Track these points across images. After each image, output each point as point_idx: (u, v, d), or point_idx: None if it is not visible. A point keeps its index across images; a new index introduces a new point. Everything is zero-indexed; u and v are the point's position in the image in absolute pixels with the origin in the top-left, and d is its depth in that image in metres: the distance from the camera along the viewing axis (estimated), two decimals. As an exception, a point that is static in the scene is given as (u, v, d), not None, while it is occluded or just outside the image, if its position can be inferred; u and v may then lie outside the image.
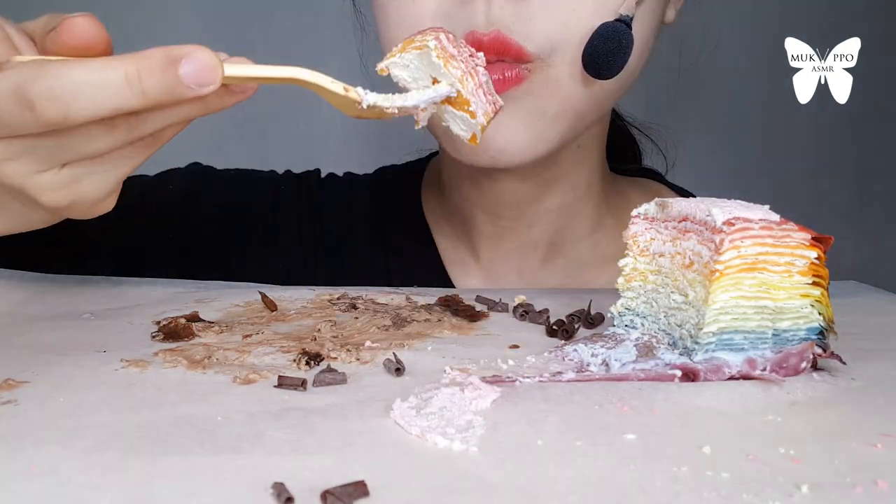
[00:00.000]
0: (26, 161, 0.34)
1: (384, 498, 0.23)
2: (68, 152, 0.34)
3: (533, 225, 0.59)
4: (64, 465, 0.24)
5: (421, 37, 0.38)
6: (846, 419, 0.29)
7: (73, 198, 0.36)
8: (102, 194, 0.36)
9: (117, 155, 0.35)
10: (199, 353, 0.36)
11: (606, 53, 0.44)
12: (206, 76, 0.32)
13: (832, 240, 0.33)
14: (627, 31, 0.44)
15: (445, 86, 0.37)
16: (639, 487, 0.23)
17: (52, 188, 0.35)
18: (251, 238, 0.63)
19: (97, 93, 0.31)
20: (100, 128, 0.33)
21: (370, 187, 0.67)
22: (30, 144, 0.34)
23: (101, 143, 0.34)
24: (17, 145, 0.34)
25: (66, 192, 0.35)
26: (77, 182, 0.35)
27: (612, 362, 0.34)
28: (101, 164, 0.35)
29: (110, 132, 0.34)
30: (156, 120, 0.34)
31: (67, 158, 0.34)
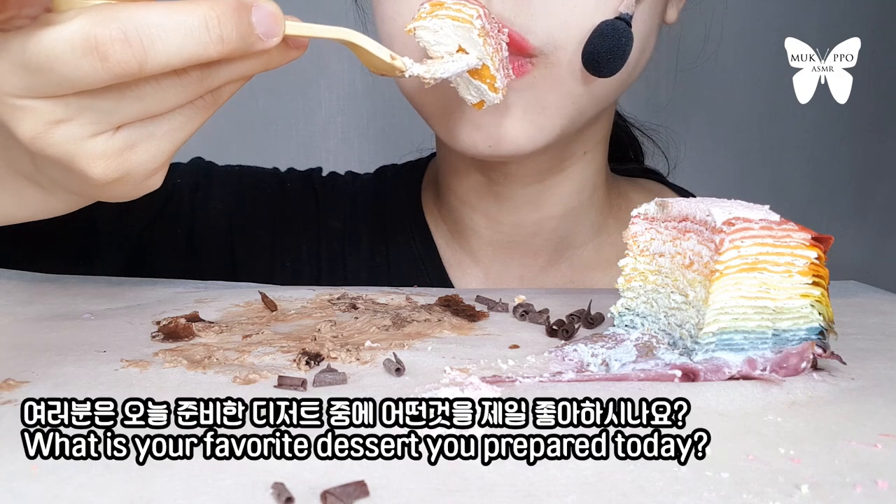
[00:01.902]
0: (81, 122, 0.31)
1: (384, 498, 0.23)
2: (129, 109, 0.31)
3: (536, 233, 0.59)
4: (64, 465, 0.24)
5: (458, 7, 0.39)
6: (846, 419, 0.29)
7: (127, 168, 0.32)
8: (156, 164, 0.33)
9: (178, 114, 0.33)
10: (199, 353, 0.36)
11: (606, 51, 0.44)
12: (273, 26, 0.31)
13: (832, 240, 0.33)
14: (627, 30, 0.44)
15: (474, 58, 0.40)
16: (639, 487, 0.23)
17: (106, 156, 0.32)
18: (258, 234, 0.63)
19: (175, 38, 0.29)
20: (169, 79, 0.31)
21: (371, 186, 0.67)
22: (87, 103, 0.30)
23: (167, 96, 0.31)
24: (73, 104, 0.30)
25: (119, 161, 0.32)
26: (132, 149, 0.32)
27: (611, 362, 0.34)
28: (159, 126, 0.32)
29: (178, 83, 0.31)
30: (223, 73, 0.32)
31: (127, 117, 0.31)
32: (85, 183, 0.33)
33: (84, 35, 0.28)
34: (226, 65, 0.32)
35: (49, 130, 0.30)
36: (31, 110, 0.30)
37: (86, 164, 0.31)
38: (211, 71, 0.31)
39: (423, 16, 0.40)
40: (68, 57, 0.28)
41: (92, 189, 0.34)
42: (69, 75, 0.29)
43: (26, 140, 0.31)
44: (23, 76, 0.29)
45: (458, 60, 0.39)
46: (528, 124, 0.48)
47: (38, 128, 0.30)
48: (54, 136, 0.31)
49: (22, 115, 0.30)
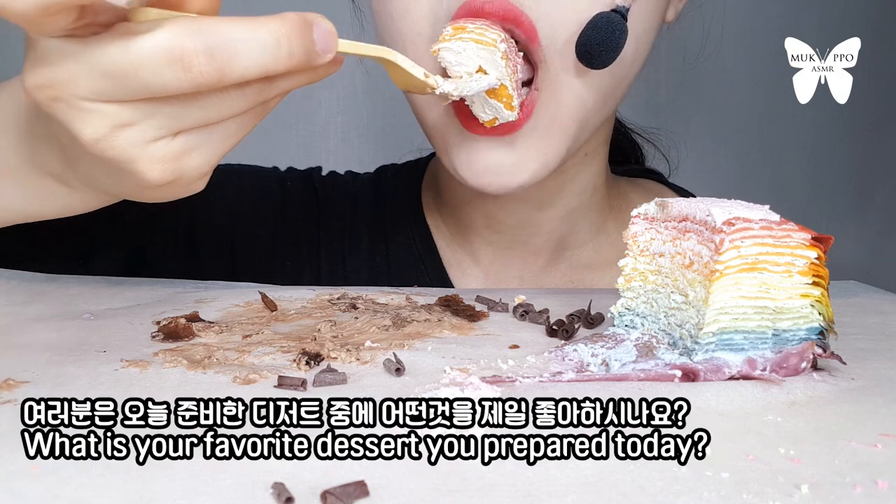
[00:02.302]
0: (144, 127, 0.32)
1: (384, 498, 0.23)
2: (191, 116, 0.32)
3: (537, 234, 0.59)
4: (64, 465, 0.24)
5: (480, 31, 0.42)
6: (846, 419, 0.29)
7: (181, 172, 0.34)
8: (206, 168, 0.35)
9: (231, 123, 0.34)
10: (199, 353, 0.36)
11: (599, 43, 0.44)
12: (330, 43, 0.32)
13: (832, 240, 0.33)
14: (622, 22, 0.44)
15: (494, 78, 0.43)
16: (639, 487, 0.23)
17: (164, 160, 0.33)
18: (258, 233, 0.63)
19: (253, 53, 0.30)
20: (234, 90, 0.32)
21: (371, 186, 0.67)
22: (154, 108, 0.32)
23: (228, 106, 0.33)
24: (140, 109, 0.32)
25: (175, 165, 0.33)
26: (188, 153, 0.34)
27: (611, 362, 0.34)
28: (214, 133, 0.34)
29: (241, 94, 0.32)
30: (279, 85, 0.33)
31: (188, 124, 0.33)
32: (137, 185, 0.34)
33: (171, 45, 0.29)
34: (284, 77, 0.33)
35: (113, 134, 0.32)
36: (98, 113, 0.31)
37: (144, 167, 0.33)
38: (271, 84, 0.33)
39: (447, 38, 0.43)
40: (154, 65, 0.30)
41: (141, 190, 0.35)
42: (150, 82, 0.30)
43: (88, 142, 0.32)
44: (99, 80, 0.30)
45: (481, 80, 0.42)
46: (533, 165, 0.48)
47: (103, 131, 0.31)
48: (118, 140, 0.32)
49: (89, 118, 0.31)
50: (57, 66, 0.30)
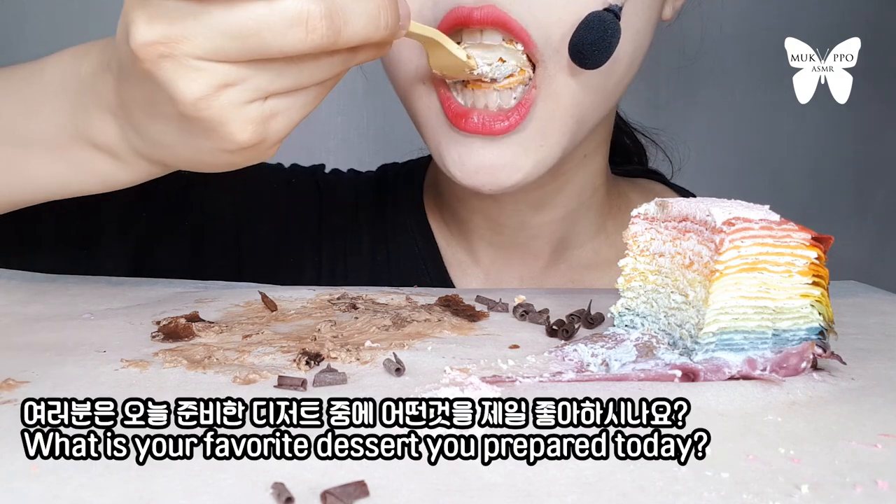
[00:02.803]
0: (246, 87, 0.33)
1: (384, 498, 0.23)
2: (286, 80, 0.34)
3: (537, 235, 0.59)
4: (64, 465, 0.24)
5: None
6: (846, 419, 0.29)
7: (265, 134, 0.35)
8: (285, 133, 0.36)
9: (313, 90, 0.35)
10: (199, 353, 0.36)
11: (591, 43, 0.44)
12: (407, 19, 0.34)
13: (832, 240, 0.33)
14: (614, 21, 0.44)
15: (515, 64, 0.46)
16: (639, 487, 0.23)
17: (255, 121, 0.34)
18: (262, 228, 0.63)
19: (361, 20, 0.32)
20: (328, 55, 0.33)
21: (373, 185, 0.67)
22: (258, 69, 0.33)
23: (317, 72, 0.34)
24: (244, 70, 0.33)
25: (263, 128, 0.34)
26: (274, 117, 0.35)
27: (611, 362, 0.34)
28: (298, 99, 0.35)
29: (330, 61, 0.34)
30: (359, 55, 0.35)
31: (281, 87, 0.34)
32: (221, 148, 0.35)
33: (299, 8, 0.30)
34: (363, 50, 0.35)
35: (216, 93, 0.33)
36: (206, 72, 0.32)
37: (236, 128, 0.34)
38: (353, 54, 0.34)
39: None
40: (278, 26, 0.31)
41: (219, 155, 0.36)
42: (272, 43, 0.31)
43: (189, 101, 0.32)
44: (218, 40, 0.31)
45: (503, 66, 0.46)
46: (529, 163, 0.48)
47: (207, 90, 0.32)
48: (218, 99, 0.33)
49: (196, 76, 0.32)
50: (176, 24, 0.31)
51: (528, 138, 0.47)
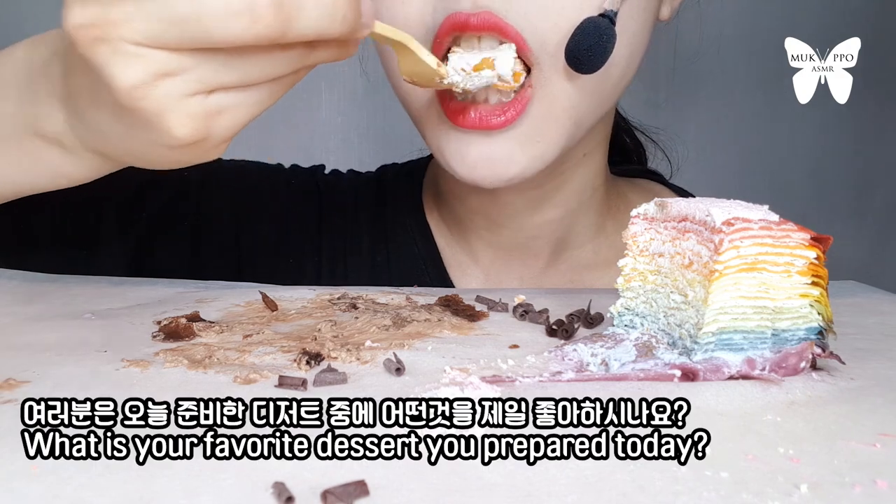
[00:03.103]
0: (186, 79, 0.31)
1: (384, 498, 0.23)
2: (232, 74, 0.32)
3: (536, 236, 0.59)
4: (64, 465, 0.24)
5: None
6: (845, 419, 0.29)
7: (207, 133, 0.33)
8: (231, 132, 0.34)
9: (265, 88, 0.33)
10: (199, 352, 0.36)
11: (587, 48, 0.44)
12: (370, 17, 0.32)
13: (832, 240, 0.33)
14: (610, 27, 0.44)
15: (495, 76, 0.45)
16: (639, 487, 0.23)
17: (195, 116, 0.32)
18: (262, 229, 0.63)
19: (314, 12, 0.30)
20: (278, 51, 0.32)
21: (373, 185, 0.67)
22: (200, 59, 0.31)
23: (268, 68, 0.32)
24: (185, 60, 0.31)
25: (205, 124, 0.32)
26: (219, 114, 0.33)
27: (611, 362, 0.34)
28: (247, 96, 0.33)
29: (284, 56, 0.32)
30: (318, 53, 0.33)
31: (227, 81, 0.32)
32: (160, 142, 0.33)
33: None
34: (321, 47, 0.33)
35: (153, 82, 0.31)
36: (142, 59, 0.30)
37: (175, 122, 0.32)
38: (309, 50, 0.33)
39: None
40: (222, 13, 0.29)
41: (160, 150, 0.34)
42: (214, 31, 0.29)
43: (124, 89, 0.31)
44: (157, 25, 0.29)
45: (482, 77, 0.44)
46: (526, 158, 0.48)
47: (144, 78, 0.30)
48: (156, 89, 0.31)
49: (132, 63, 0.30)
50: (112, 6, 0.29)
51: (524, 133, 0.47)
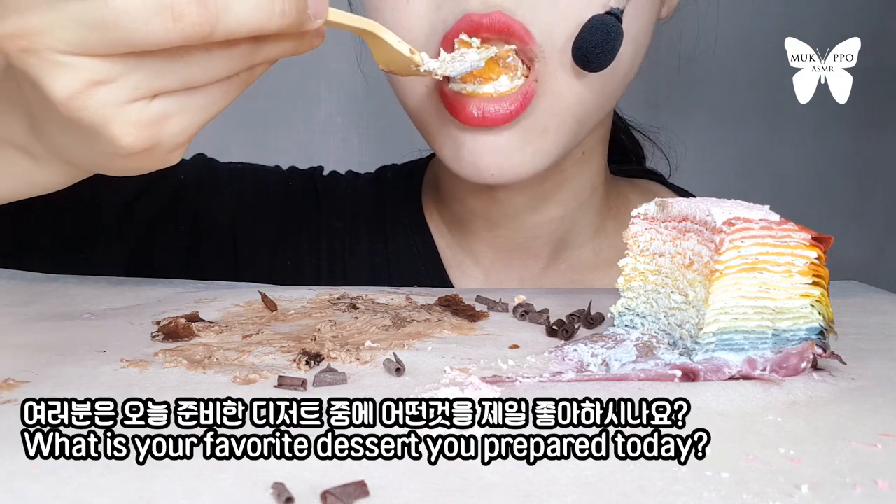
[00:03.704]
0: (122, 86, 0.30)
1: (384, 498, 0.23)
2: (173, 77, 0.30)
3: (536, 236, 0.59)
4: (64, 465, 0.24)
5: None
6: (846, 419, 0.29)
7: (157, 140, 0.32)
8: (184, 139, 0.33)
9: (215, 89, 0.32)
10: (199, 353, 0.36)
11: (595, 46, 0.44)
12: (321, 8, 0.31)
13: (832, 240, 0.33)
14: (617, 25, 0.44)
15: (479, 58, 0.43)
16: (639, 487, 0.23)
17: (139, 124, 0.31)
18: (260, 232, 0.63)
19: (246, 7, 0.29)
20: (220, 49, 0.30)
21: (372, 186, 0.67)
22: (133, 65, 0.30)
23: (213, 68, 0.31)
24: (118, 65, 0.29)
25: (151, 131, 0.31)
26: (166, 119, 0.31)
27: (611, 362, 0.34)
28: (195, 99, 0.32)
29: (227, 55, 0.31)
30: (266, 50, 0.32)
31: (169, 85, 0.31)
32: (109, 152, 0.32)
33: None
34: (270, 43, 0.32)
35: (88, 91, 0.30)
36: (73, 68, 0.29)
37: (119, 130, 0.31)
38: (257, 47, 0.31)
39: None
40: (140, 13, 0.28)
41: (112, 159, 0.33)
42: (134, 33, 0.28)
43: (60, 100, 0.30)
44: (78, 31, 0.28)
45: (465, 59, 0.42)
46: (529, 152, 0.48)
47: (77, 87, 0.29)
48: (93, 98, 0.30)
49: (62, 73, 0.29)
50: (31, 14, 0.28)
51: (527, 129, 0.47)
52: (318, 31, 0.33)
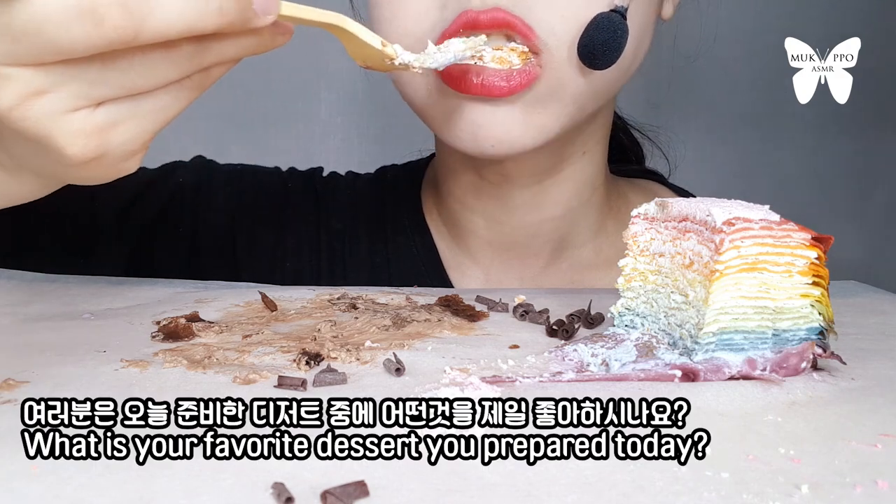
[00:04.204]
0: (62, 95, 0.29)
1: (384, 498, 0.23)
2: (114, 83, 0.30)
3: (536, 234, 0.59)
4: (64, 465, 0.24)
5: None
6: (846, 419, 0.29)
7: (105, 148, 0.31)
8: (136, 146, 0.32)
9: (163, 94, 0.31)
10: (199, 353, 0.36)
11: (601, 44, 0.44)
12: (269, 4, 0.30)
13: (832, 240, 0.33)
14: (622, 22, 0.45)
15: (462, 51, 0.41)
16: (639, 487, 0.23)
17: (85, 133, 0.30)
18: (259, 233, 0.63)
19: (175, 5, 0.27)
20: (159, 52, 0.29)
21: (371, 187, 0.67)
22: (70, 73, 0.29)
23: (155, 72, 0.30)
24: (54, 74, 0.28)
25: (98, 140, 0.30)
26: (113, 127, 0.30)
27: (611, 362, 0.34)
28: (143, 105, 0.31)
29: (169, 58, 0.30)
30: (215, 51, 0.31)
31: (111, 92, 0.30)
32: (59, 162, 0.31)
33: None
34: (218, 42, 0.31)
35: (27, 102, 0.29)
36: (8, 79, 0.28)
37: (63, 140, 0.30)
38: (203, 47, 0.30)
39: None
40: (60, 19, 0.27)
41: (65, 169, 0.32)
42: (58, 40, 0.27)
43: (3, 111, 0.29)
44: (5, 42, 0.28)
45: (447, 51, 0.40)
46: (529, 124, 0.48)
47: (15, 99, 0.29)
48: (32, 109, 0.29)
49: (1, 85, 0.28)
50: None
51: (527, 103, 0.47)
52: (282, 29, 0.33)
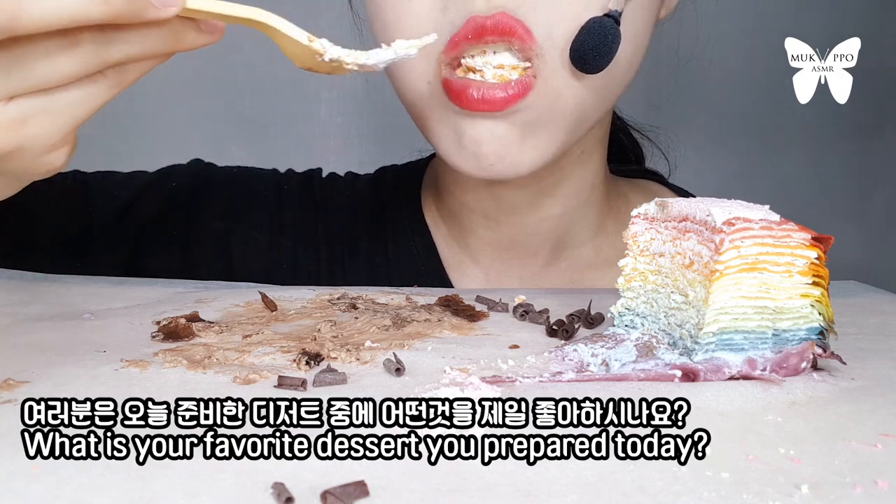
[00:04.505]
0: None
1: (384, 498, 0.23)
2: (18, 79, 0.30)
3: (535, 233, 0.59)
4: (64, 465, 0.24)
5: None
6: (846, 419, 0.29)
7: (20, 142, 0.31)
8: (53, 140, 0.32)
9: (76, 90, 0.31)
10: (199, 353, 0.36)
11: (592, 48, 0.44)
12: None
13: (832, 240, 0.33)
14: (614, 27, 0.44)
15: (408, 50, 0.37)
16: (639, 487, 0.23)
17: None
18: (255, 236, 0.63)
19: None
20: (58, 43, 0.29)
21: (371, 187, 0.67)
22: None
23: (59, 67, 0.30)
24: None
25: (11, 134, 0.30)
26: (25, 122, 0.31)
27: (611, 362, 0.34)
28: (55, 100, 0.31)
29: (71, 50, 0.29)
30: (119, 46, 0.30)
31: (17, 88, 0.30)
32: None
33: None
34: (122, 36, 0.30)
35: None
36: None
37: None
38: (106, 41, 0.30)
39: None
40: None
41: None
42: None
43: None
44: None
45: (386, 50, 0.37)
46: (527, 146, 0.48)
47: None
48: None
49: None
50: None
51: (525, 123, 0.47)
52: (210, 27, 0.32)
